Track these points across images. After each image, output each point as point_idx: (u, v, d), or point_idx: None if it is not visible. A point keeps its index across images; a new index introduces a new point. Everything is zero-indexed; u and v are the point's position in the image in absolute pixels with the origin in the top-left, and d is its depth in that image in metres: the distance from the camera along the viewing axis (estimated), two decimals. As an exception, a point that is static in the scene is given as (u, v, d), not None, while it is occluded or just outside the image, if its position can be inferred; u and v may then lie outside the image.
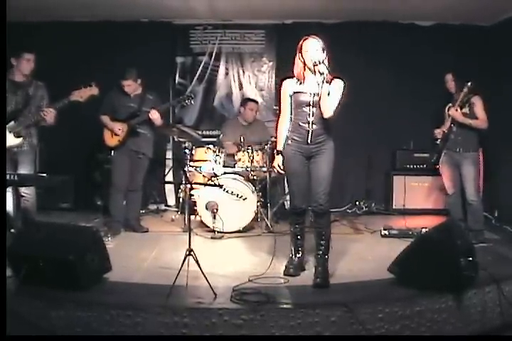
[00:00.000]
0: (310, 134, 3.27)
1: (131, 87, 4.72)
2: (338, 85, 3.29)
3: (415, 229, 4.56)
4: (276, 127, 3.56)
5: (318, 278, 3.20)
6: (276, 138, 3.51)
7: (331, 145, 3.36)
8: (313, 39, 3.28)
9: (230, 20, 6.08)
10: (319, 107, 3.23)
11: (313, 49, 3.24)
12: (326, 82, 3.20)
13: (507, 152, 5.18)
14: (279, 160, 3.47)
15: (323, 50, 3.26)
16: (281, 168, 3.45)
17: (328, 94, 3.20)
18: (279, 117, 3.54)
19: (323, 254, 3.34)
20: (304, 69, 3.31)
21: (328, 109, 3.22)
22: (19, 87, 4.04)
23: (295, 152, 3.36)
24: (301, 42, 3.31)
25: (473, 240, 3.59)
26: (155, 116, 4.65)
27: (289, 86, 3.40)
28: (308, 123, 3.27)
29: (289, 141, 3.38)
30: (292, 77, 3.39)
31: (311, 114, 3.27)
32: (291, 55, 3.37)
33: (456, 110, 4.35)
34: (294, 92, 3.34)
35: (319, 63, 3.18)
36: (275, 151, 3.56)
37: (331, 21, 5.72)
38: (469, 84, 4.24)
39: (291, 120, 3.39)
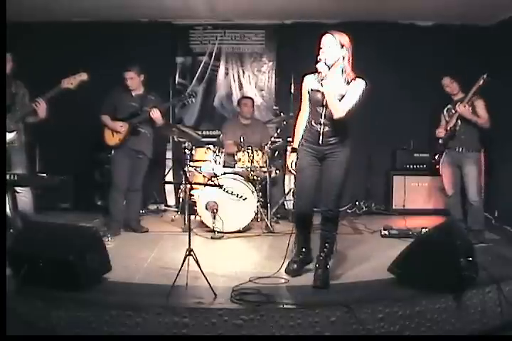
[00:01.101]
0: (321, 135, 3.17)
1: (134, 80, 4.68)
2: (356, 86, 3.16)
3: (415, 229, 4.55)
4: (295, 124, 3.45)
5: (318, 281, 3.18)
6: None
7: (347, 148, 3.24)
8: (329, 35, 3.14)
9: (230, 20, 6.08)
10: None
11: (326, 46, 3.12)
12: (347, 83, 3.14)
13: (507, 152, 5.18)
14: (292, 158, 3.39)
15: (342, 46, 3.11)
16: (293, 167, 3.36)
17: (344, 95, 3.13)
18: (298, 114, 3.43)
19: (326, 257, 3.31)
20: None
21: (337, 110, 3.12)
22: None
23: (307, 152, 3.27)
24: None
25: (473, 240, 3.59)
26: (156, 114, 4.63)
27: (308, 82, 3.28)
28: (320, 123, 3.18)
29: (303, 141, 3.31)
30: (314, 72, 3.23)
31: (322, 114, 3.17)
32: (291, 55, 3.34)
33: (465, 106, 4.30)
34: (312, 90, 3.24)
35: (319, 61, 3.09)
36: (290, 149, 3.49)
37: (331, 21, 5.70)
38: (485, 76, 4.09)
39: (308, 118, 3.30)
